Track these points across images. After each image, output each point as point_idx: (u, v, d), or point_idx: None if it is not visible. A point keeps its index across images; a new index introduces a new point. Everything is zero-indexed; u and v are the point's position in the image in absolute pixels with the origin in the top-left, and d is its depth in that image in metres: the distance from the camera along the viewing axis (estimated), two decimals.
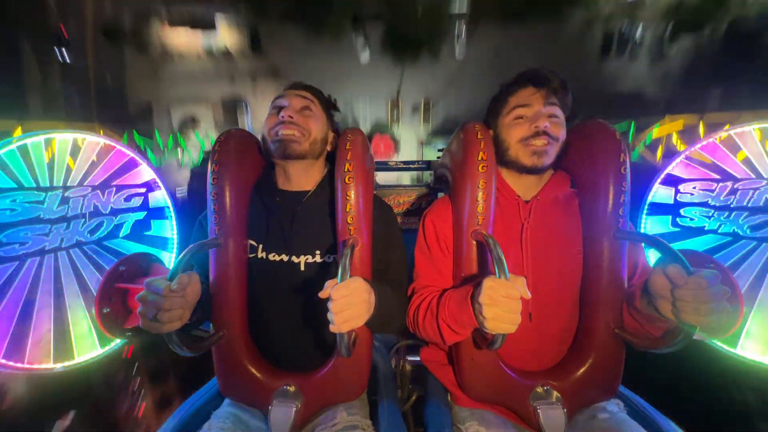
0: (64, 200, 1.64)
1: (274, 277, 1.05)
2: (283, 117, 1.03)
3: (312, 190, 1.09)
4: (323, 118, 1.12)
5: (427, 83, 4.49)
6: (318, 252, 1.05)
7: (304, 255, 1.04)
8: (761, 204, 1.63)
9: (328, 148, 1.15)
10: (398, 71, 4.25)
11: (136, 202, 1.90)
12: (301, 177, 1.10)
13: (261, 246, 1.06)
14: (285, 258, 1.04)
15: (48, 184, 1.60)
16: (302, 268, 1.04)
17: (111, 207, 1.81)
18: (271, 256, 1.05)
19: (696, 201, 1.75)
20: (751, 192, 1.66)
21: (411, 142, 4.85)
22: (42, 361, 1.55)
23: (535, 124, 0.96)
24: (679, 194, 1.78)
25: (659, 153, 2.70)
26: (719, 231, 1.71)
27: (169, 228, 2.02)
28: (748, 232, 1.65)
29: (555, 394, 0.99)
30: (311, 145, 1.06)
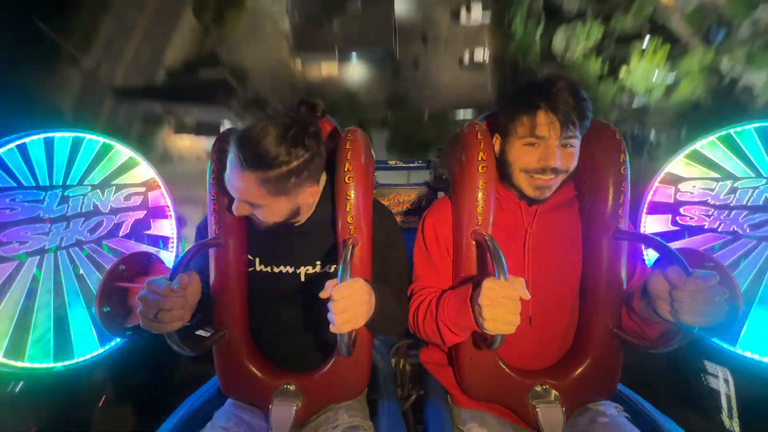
0: (64, 199, 1.64)
1: (274, 288, 1.04)
2: (235, 213, 0.90)
3: (310, 215, 1.03)
4: (280, 205, 0.89)
5: None
6: (318, 262, 1.04)
7: (304, 266, 1.03)
8: (761, 203, 1.63)
9: (310, 199, 0.96)
10: None
11: (136, 201, 1.90)
12: (300, 218, 1.03)
13: (258, 259, 1.05)
14: (284, 269, 1.04)
15: (48, 183, 1.60)
16: (302, 278, 1.03)
17: (110, 206, 1.81)
18: (270, 269, 1.04)
19: (696, 200, 1.75)
20: (750, 191, 1.66)
21: None
22: (42, 360, 1.55)
23: (546, 161, 0.89)
24: (678, 193, 1.78)
25: None
26: (719, 230, 1.71)
27: (168, 227, 2.03)
28: (747, 230, 1.65)
29: (553, 392, 0.99)
30: (281, 223, 0.95)
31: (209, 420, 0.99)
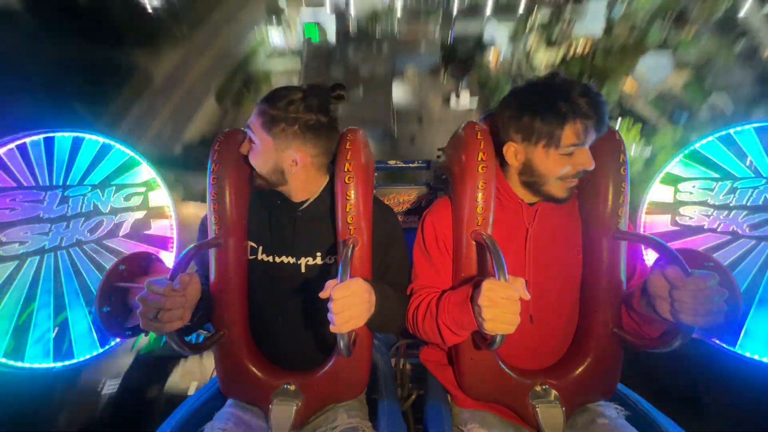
0: (64, 199, 1.64)
1: (275, 278, 1.05)
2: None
3: (312, 200, 1.05)
4: (266, 149, 0.96)
5: None
6: (319, 254, 1.05)
7: (305, 257, 1.04)
8: (760, 203, 1.63)
9: (292, 166, 0.98)
10: None
11: (136, 201, 1.90)
12: (293, 194, 1.05)
13: (261, 248, 1.06)
14: (285, 260, 1.04)
15: (48, 183, 1.59)
16: (303, 270, 1.04)
17: (111, 206, 1.80)
18: (271, 258, 1.05)
19: (695, 200, 1.75)
20: (750, 191, 1.66)
21: None
22: (42, 360, 1.55)
23: (584, 165, 0.90)
24: (678, 193, 1.78)
25: None
26: (718, 230, 1.70)
27: (168, 227, 2.02)
28: (747, 230, 1.65)
29: (553, 392, 0.99)
30: (265, 179, 1.00)
31: (209, 419, 0.99)
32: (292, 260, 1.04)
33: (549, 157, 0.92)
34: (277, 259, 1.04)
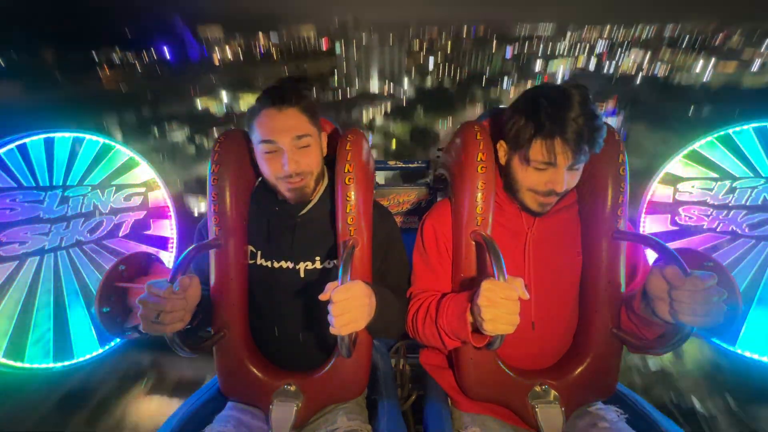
0: (64, 199, 1.64)
1: (274, 283, 1.05)
2: (287, 171, 0.93)
3: (313, 203, 1.06)
4: (316, 135, 1.00)
5: None
6: (318, 258, 1.04)
7: (304, 262, 1.04)
8: (759, 203, 1.64)
9: (325, 148, 1.07)
10: None
11: (136, 201, 1.90)
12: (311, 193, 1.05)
13: (260, 253, 1.06)
14: (284, 265, 1.04)
15: (48, 184, 1.60)
16: (302, 274, 1.04)
17: (110, 206, 1.81)
18: (269, 264, 1.05)
19: (695, 200, 1.75)
20: (749, 191, 1.66)
21: None
22: (42, 360, 1.55)
23: (553, 185, 0.88)
24: (678, 193, 1.78)
25: None
26: (718, 229, 1.71)
27: (168, 227, 2.03)
28: (746, 230, 1.66)
29: (553, 393, 0.99)
30: (316, 180, 1.02)
31: (209, 420, 0.99)
32: (290, 265, 1.04)
33: (524, 167, 0.91)
34: (276, 264, 1.04)
